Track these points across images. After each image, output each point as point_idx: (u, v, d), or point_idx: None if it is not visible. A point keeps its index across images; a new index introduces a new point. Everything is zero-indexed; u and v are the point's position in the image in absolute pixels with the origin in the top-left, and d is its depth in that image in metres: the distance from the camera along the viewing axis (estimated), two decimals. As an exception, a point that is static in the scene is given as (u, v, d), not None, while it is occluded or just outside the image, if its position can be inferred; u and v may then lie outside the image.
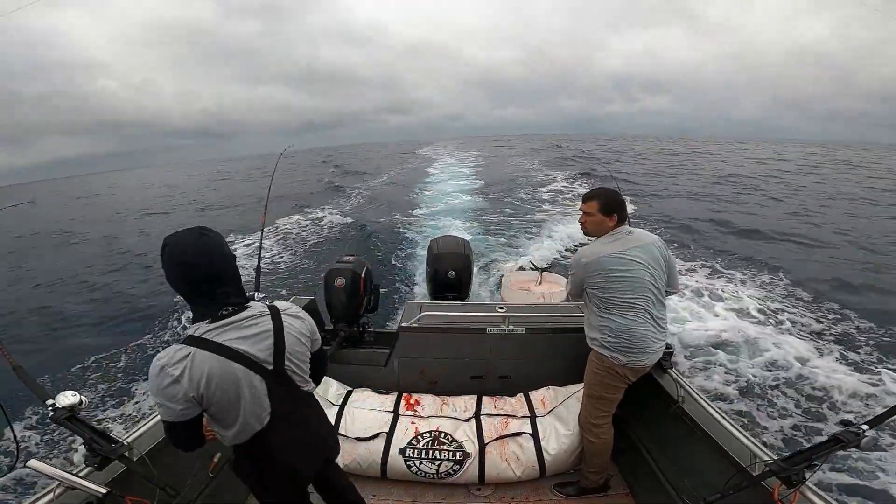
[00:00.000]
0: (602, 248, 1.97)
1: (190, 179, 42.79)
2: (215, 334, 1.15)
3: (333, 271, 2.95)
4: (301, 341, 1.33)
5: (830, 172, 26.87)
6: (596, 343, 2.03)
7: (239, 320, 1.19)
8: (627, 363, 1.96)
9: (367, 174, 25.90)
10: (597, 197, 2.02)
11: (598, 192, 2.06)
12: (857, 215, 13.29)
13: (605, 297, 1.96)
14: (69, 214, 24.07)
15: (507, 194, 15.39)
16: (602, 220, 2.01)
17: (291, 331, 1.29)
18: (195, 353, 1.11)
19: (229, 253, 1.22)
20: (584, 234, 2.11)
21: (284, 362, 1.26)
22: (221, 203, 20.45)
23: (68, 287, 9.40)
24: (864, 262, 8.62)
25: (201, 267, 1.15)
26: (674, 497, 2.02)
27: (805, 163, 33.70)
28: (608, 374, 2.02)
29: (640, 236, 2.01)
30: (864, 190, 18.82)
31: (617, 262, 1.92)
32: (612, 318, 1.96)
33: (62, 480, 1.35)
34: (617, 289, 1.93)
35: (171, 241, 1.16)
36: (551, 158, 29.25)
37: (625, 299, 1.93)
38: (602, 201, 2.00)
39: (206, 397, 1.13)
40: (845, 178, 24.05)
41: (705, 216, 12.39)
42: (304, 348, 1.34)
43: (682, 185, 19.24)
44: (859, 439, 1.32)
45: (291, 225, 12.28)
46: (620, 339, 1.95)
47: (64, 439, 3.89)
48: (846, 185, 20.47)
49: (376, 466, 2.28)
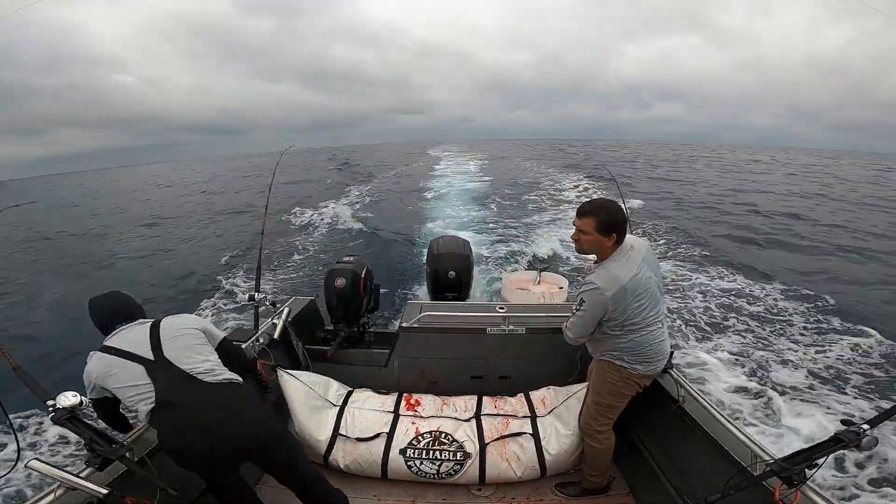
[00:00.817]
0: (619, 272, 1.76)
1: (229, 174, 41.69)
2: (107, 341, 1.67)
3: (334, 271, 2.95)
4: (185, 335, 1.72)
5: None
6: (612, 357, 1.94)
7: (124, 329, 1.70)
8: (647, 372, 1.94)
9: (372, 174, 25.88)
10: (594, 214, 1.77)
11: (595, 207, 1.80)
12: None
13: (628, 323, 1.81)
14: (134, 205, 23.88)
15: (509, 195, 15.39)
16: (599, 241, 1.79)
17: (171, 329, 1.71)
18: (94, 355, 1.62)
19: (127, 300, 1.82)
20: (578, 251, 1.91)
21: (163, 354, 1.62)
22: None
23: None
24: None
25: (104, 311, 1.76)
26: (674, 497, 2.02)
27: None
28: (626, 384, 1.95)
29: (639, 247, 1.87)
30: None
31: (636, 287, 1.76)
32: (633, 339, 1.85)
33: (63, 481, 1.36)
34: (638, 313, 1.79)
35: (92, 299, 1.77)
36: (557, 161, 29.22)
37: (646, 319, 1.82)
38: (599, 219, 1.75)
39: (99, 384, 1.58)
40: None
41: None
42: (189, 341, 1.71)
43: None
44: (860, 439, 1.32)
45: (291, 225, 12.28)
46: (641, 354, 1.88)
47: (64, 440, 3.89)
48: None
49: (377, 467, 2.27)
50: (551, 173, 22.11)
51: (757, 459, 1.60)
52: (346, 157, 43.68)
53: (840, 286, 7.34)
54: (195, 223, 15.59)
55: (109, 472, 1.53)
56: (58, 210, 23.99)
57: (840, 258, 9.29)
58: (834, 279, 7.80)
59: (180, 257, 10.77)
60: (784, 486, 1.43)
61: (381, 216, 12.50)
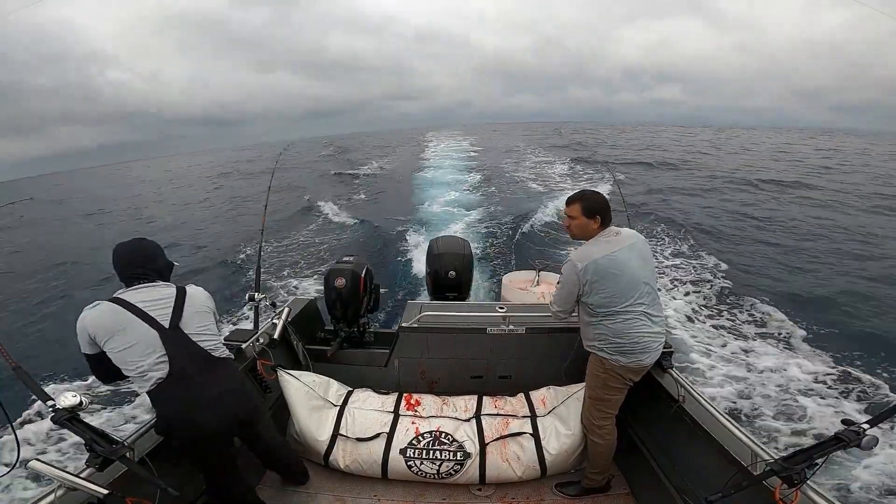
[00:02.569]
0: (592, 250, 1.93)
1: (252, 165, 40.98)
2: (122, 293, 1.62)
3: (333, 271, 2.95)
4: (204, 312, 1.74)
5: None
6: (594, 348, 2.02)
7: (147, 288, 1.64)
8: (629, 364, 1.96)
9: (370, 167, 25.79)
10: (578, 200, 1.99)
11: (580, 194, 2.04)
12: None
13: (601, 303, 1.91)
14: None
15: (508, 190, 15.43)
16: (586, 224, 1.97)
17: (195, 302, 1.71)
18: (100, 304, 1.57)
19: (152, 250, 1.74)
20: (571, 237, 2.08)
21: (181, 324, 1.63)
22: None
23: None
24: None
25: (122, 260, 1.68)
26: (675, 497, 2.02)
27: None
28: (610, 376, 2.00)
29: (627, 235, 1.99)
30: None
31: (610, 264, 1.88)
32: (609, 325, 1.92)
33: (63, 481, 1.35)
34: (612, 293, 1.89)
35: (118, 245, 1.71)
36: (555, 147, 29.31)
37: (621, 302, 1.89)
38: (584, 204, 1.97)
39: (101, 338, 1.53)
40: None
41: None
42: (205, 318, 1.73)
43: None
44: (860, 438, 1.32)
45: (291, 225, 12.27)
46: (620, 343, 1.93)
47: (65, 440, 3.89)
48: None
49: (377, 467, 2.28)
50: (547, 159, 22.16)
51: (757, 459, 1.60)
52: (344, 148, 43.52)
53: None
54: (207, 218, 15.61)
55: (109, 473, 1.53)
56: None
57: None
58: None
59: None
60: (784, 486, 1.43)
61: (382, 216, 12.48)
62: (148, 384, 1.56)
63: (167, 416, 1.62)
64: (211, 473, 1.80)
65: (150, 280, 1.67)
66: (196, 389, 1.60)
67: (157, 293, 1.64)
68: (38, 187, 52.87)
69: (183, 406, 1.59)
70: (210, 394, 1.62)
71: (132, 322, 1.55)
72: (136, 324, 1.55)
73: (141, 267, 1.66)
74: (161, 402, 1.59)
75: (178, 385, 1.57)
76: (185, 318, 1.65)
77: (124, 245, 1.70)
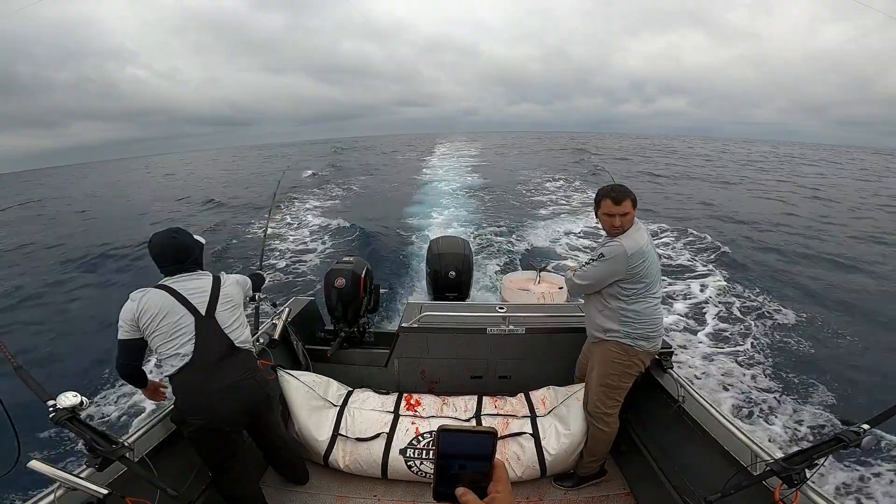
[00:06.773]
0: (637, 236, 2.01)
1: (269, 163, 40.80)
2: (167, 281, 1.76)
3: (333, 272, 2.95)
4: (235, 304, 1.84)
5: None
6: (618, 335, 2.07)
7: (187, 278, 1.77)
8: (650, 348, 2.06)
9: (373, 170, 25.80)
10: (628, 195, 2.04)
11: (625, 190, 2.06)
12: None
13: (638, 289, 2.01)
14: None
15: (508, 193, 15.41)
16: (634, 215, 2.05)
17: (228, 292, 1.83)
18: (149, 289, 1.71)
19: (187, 245, 1.82)
20: (613, 235, 2.07)
21: (215, 313, 1.75)
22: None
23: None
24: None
25: (155, 249, 1.78)
26: (674, 497, 2.02)
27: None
28: (632, 362, 2.08)
29: (642, 226, 2.09)
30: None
31: (649, 252, 2.01)
32: (639, 309, 2.02)
33: (63, 481, 1.35)
34: (648, 277, 2.01)
35: (153, 235, 1.79)
36: (560, 157, 29.18)
37: (652, 289, 2.03)
38: (633, 198, 2.05)
39: (145, 320, 1.65)
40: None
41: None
42: (236, 311, 1.84)
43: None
44: (860, 438, 1.32)
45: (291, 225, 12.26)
46: (644, 326, 2.03)
47: (64, 440, 3.88)
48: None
49: (377, 467, 2.28)
50: (551, 171, 22.12)
51: (757, 459, 1.60)
52: (349, 150, 43.27)
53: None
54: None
55: (109, 473, 1.53)
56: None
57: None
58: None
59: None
60: (784, 486, 1.43)
61: (382, 215, 12.48)
62: (173, 368, 1.67)
63: (183, 401, 1.71)
64: (219, 465, 1.83)
65: (190, 271, 1.81)
66: (214, 377, 1.69)
67: (196, 283, 1.78)
68: (59, 178, 52.17)
69: (200, 391, 1.68)
70: (226, 381, 1.71)
71: (175, 307, 1.68)
72: (179, 309, 1.69)
73: (181, 262, 1.79)
74: (180, 385, 1.69)
75: (198, 371, 1.67)
76: (219, 307, 1.77)
77: (162, 240, 1.77)
